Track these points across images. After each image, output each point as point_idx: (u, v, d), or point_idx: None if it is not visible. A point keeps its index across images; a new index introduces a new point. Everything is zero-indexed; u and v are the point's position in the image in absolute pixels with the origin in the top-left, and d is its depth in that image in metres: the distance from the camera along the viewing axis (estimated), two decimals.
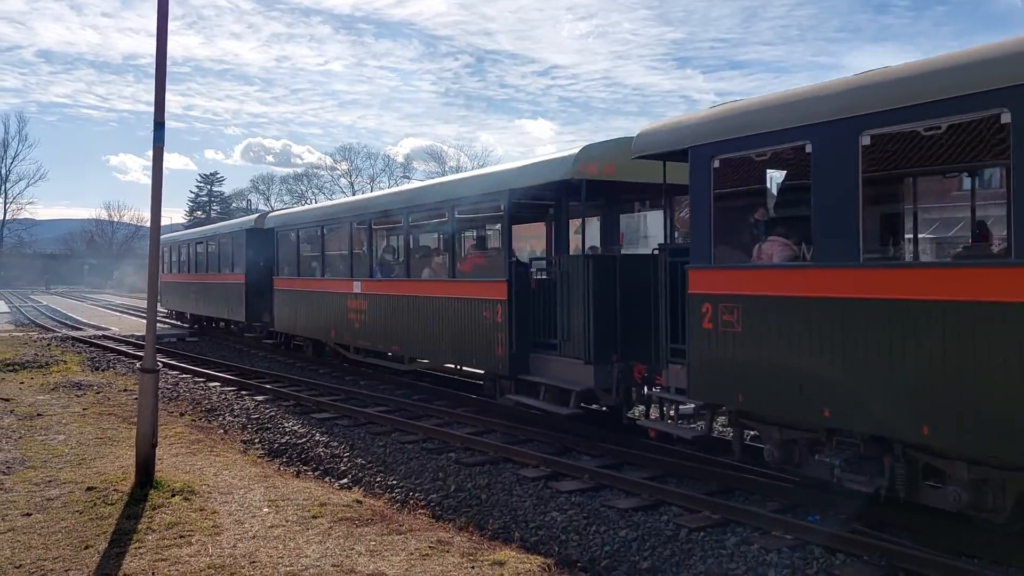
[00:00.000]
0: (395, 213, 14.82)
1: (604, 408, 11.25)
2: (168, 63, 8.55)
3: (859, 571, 6.15)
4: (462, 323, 12.41)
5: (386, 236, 16.86)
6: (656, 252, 9.41)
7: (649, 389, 10.08)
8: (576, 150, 10.41)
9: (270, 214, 22.98)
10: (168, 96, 8.54)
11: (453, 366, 14.82)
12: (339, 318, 16.65)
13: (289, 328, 19.86)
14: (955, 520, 6.83)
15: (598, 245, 12.85)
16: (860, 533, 6.74)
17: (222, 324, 26.90)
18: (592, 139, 13.36)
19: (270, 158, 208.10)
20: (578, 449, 10.14)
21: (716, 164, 7.98)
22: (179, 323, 32.00)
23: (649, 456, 9.43)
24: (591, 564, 6.88)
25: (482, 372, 12.90)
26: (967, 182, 9.28)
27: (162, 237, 34.94)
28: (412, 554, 6.46)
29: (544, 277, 11.86)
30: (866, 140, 6.60)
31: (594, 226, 13.60)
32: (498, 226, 13.92)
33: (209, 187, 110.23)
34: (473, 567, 6.21)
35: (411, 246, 14.97)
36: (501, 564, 6.28)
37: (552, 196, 12.50)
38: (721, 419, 9.45)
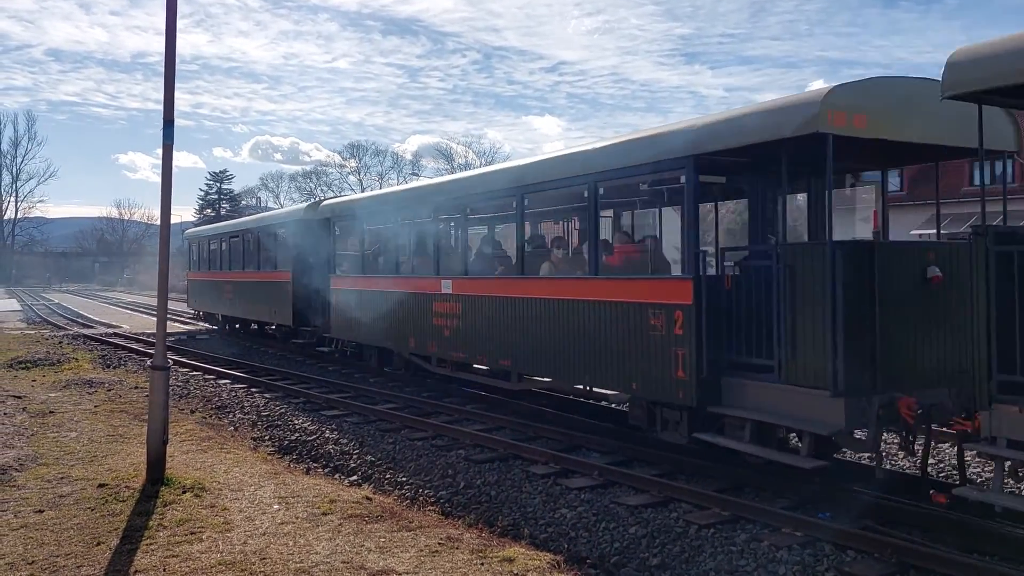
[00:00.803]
0: (502, 195, 12.16)
1: (869, 462, 8.38)
2: (176, 61, 8.58)
3: (870, 568, 6.13)
4: (609, 334, 9.59)
5: (488, 224, 14.70)
6: (971, 236, 6.40)
7: (918, 431, 7.58)
8: (819, 92, 7.54)
9: (325, 202, 19.63)
10: (177, 94, 8.57)
11: (583, 387, 12.13)
12: (420, 324, 13.76)
13: (349, 335, 16.79)
14: (967, 516, 6.80)
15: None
16: (871, 530, 6.72)
17: (255, 327, 24.80)
18: (601, 135, 12.18)
19: (278, 156, 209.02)
20: (587, 446, 10.13)
21: None
22: (208, 325, 29.48)
23: (658, 453, 9.41)
24: (600, 561, 6.87)
25: (626, 396, 10.13)
26: None
27: (190, 231, 33.21)
28: (422, 551, 6.47)
29: (737, 273, 8.70)
30: None
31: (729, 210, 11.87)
32: (669, 207, 11.47)
33: (219, 185, 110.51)
34: (482, 564, 6.22)
35: (525, 236, 11.87)
36: (510, 561, 6.29)
37: (760, 161, 8.90)
38: None
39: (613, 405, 12.09)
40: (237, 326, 26.05)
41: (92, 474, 8.63)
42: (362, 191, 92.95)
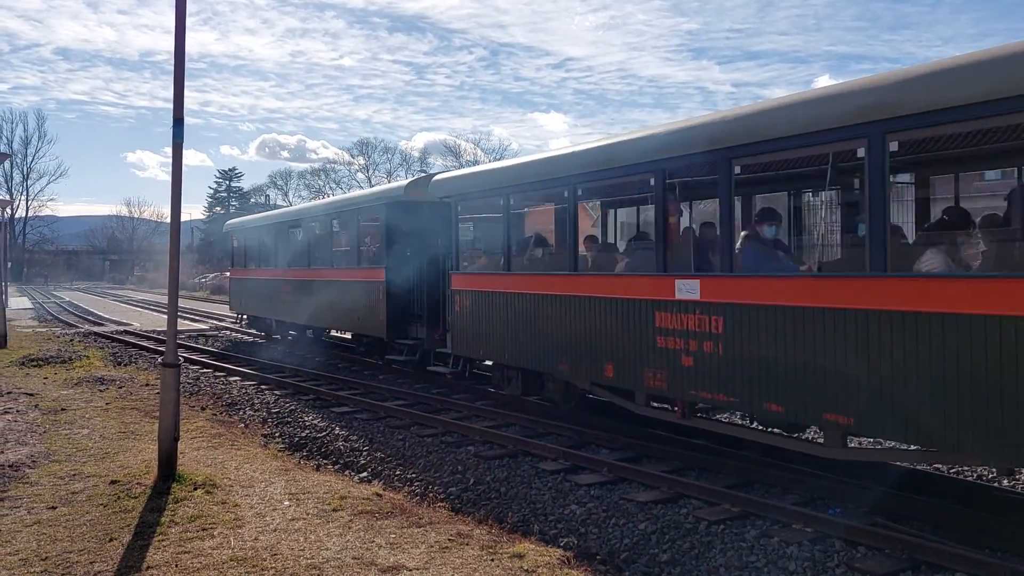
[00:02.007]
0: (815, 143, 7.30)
1: None
2: (185, 59, 8.60)
3: (880, 564, 6.11)
4: None
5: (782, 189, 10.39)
6: None
7: None
8: None
9: (438, 177, 14.17)
10: (185, 92, 8.60)
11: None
12: (629, 345, 9.26)
13: (480, 352, 12.59)
14: (978, 512, 6.77)
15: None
16: (881, 526, 6.69)
17: (312, 334, 20.51)
18: (608, 131, 10.15)
19: (285, 153, 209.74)
20: (597, 442, 10.13)
21: None
22: (254, 332, 24.86)
23: (668, 449, 9.40)
24: (610, 557, 6.88)
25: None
26: None
27: (232, 222, 27.67)
28: (432, 547, 6.49)
29: None
30: None
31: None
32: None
33: (228, 183, 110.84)
34: (492, 560, 6.23)
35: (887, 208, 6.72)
36: (520, 557, 6.29)
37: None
38: None
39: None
40: (292, 334, 21.71)
41: (104, 471, 8.69)
42: (371, 187, 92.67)
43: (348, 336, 20.01)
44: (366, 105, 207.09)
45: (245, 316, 25.14)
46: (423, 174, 18.13)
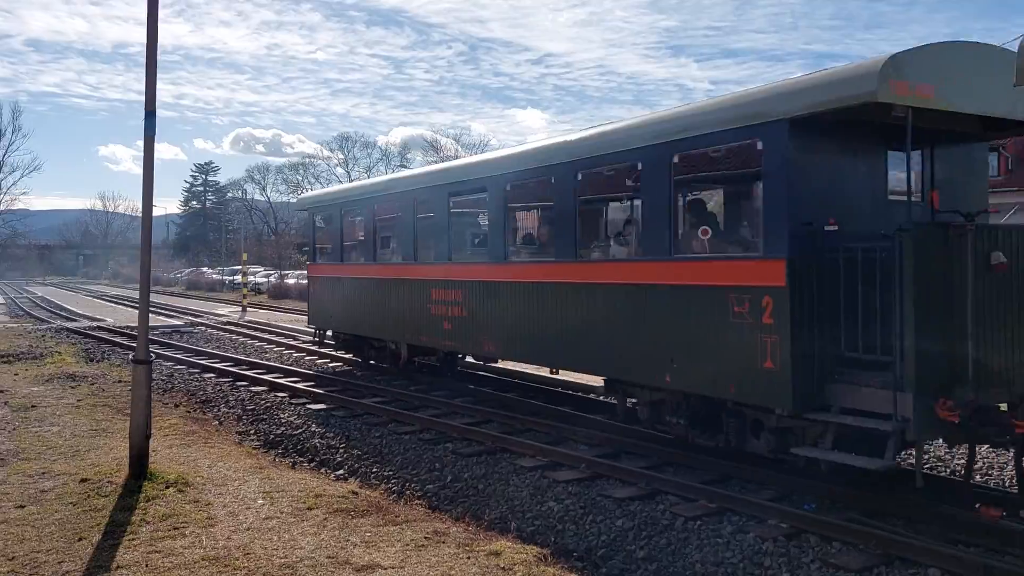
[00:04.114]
0: None
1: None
2: (158, 51, 8.47)
3: (855, 559, 6.14)
4: None
5: None
6: None
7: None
8: None
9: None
10: (158, 84, 8.46)
11: None
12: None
13: None
14: (951, 507, 6.83)
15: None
16: (856, 521, 6.73)
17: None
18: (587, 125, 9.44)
19: (260, 148, 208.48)
20: (575, 439, 10.12)
21: None
22: (347, 355, 17.07)
23: (646, 445, 9.41)
24: (587, 554, 6.87)
25: None
26: None
27: (311, 196, 19.58)
28: (408, 545, 6.44)
29: None
30: None
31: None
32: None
33: (204, 177, 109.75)
34: (469, 557, 6.19)
35: None
36: (497, 554, 6.26)
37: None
38: None
39: None
40: (415, 361, 14.63)
41: (74, 469, 8.54)
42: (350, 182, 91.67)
43: (553, 373, 12.84)
44: (344, 99, 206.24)
45: (326, 332, 17.39)
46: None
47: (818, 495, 7.51)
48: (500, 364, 15.05)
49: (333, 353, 17.79)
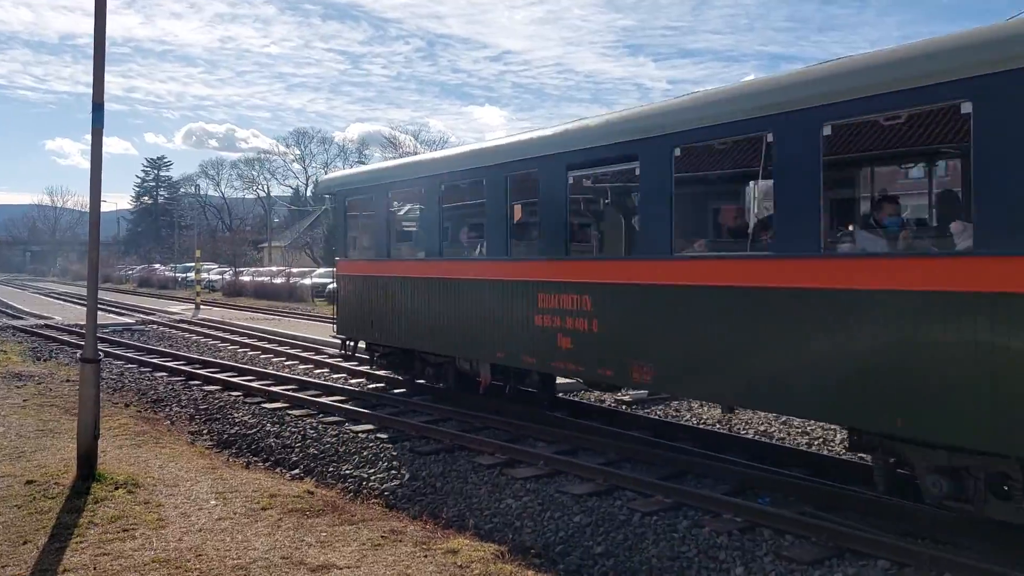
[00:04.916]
0: None
1: None
2: (107, 43, 8.25)
3: (807, 552, 6.24)
4: None
5: None
6: None
7: None
8: None
9: None
10: (108, 77, 8.25)
11: None
12: None
13: None
14: (902, 501, 6.97)
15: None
16: (809, 515, 6.84)
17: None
18: (547, 124, 8.55)
19: (213, 142, 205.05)
20: (533, 436, 10.12)
21: None
22: (384, 372, 14.10)
23: (603, 441, 9.45)
24: (545, 550, 6.87)
25: None
26: None
27: (340, 176, 15.65)
28: (364, 544, 6.38)
29: None
30: None
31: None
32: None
33: (156, 172, 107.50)
34: (426, 556, 6.15)
35: None
36: (455, 552, 6.23)
37: None
38: None
39: None
40: (439, 383, 12.49)
41: (19, 471, 8.30)
42: (307, 179, 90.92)
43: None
44: (299, 94, 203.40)
45: (360, 343, 14.01)
46: None
47: (773, 489, 7.62)
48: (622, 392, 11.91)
49: (356, 368, 14.89)
